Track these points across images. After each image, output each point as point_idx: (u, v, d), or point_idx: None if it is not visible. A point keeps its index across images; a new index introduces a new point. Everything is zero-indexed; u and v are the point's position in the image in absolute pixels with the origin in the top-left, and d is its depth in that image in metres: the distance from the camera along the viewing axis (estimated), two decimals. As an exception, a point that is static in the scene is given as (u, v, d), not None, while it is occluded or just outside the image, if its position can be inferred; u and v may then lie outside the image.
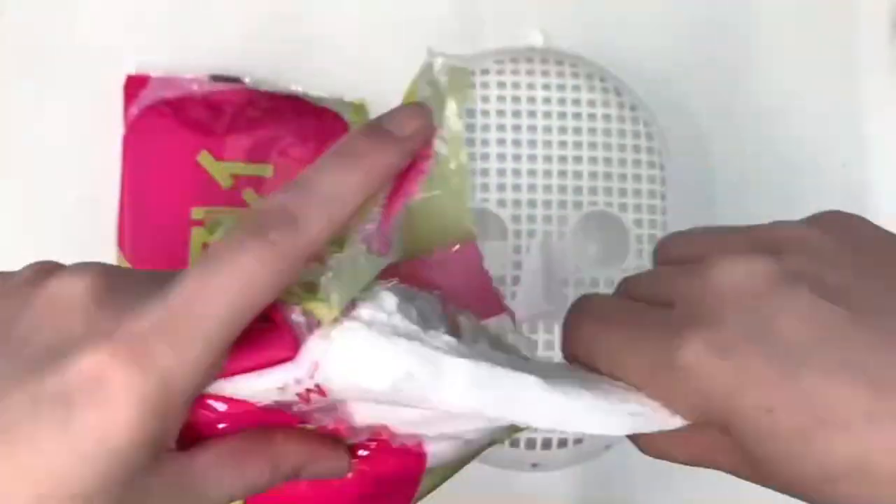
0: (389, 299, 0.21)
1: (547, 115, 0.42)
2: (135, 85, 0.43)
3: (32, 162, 0.44)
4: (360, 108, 0.45)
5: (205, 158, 0.42)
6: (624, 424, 0.21)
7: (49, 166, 0.43)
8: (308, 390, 0.20)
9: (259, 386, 0.20)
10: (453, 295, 0.24)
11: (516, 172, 0.42)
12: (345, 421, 0.22)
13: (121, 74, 0.43)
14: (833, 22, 0.47)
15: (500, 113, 0.42)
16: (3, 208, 0.44)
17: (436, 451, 0.23)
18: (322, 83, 0.43)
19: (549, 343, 0.40)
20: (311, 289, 0.20)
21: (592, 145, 0.42)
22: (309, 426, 0.22)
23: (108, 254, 0.42)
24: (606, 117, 0.42)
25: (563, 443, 0.40)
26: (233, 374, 0.20)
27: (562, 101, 0.42)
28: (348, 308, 0.20)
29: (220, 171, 0.43)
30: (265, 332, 0.20)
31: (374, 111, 0.44)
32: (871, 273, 0.21)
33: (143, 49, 0.43)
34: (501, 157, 0.42)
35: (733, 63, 0.45)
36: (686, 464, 0.22)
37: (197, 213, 0.42)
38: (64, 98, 0.44)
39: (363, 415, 0.22)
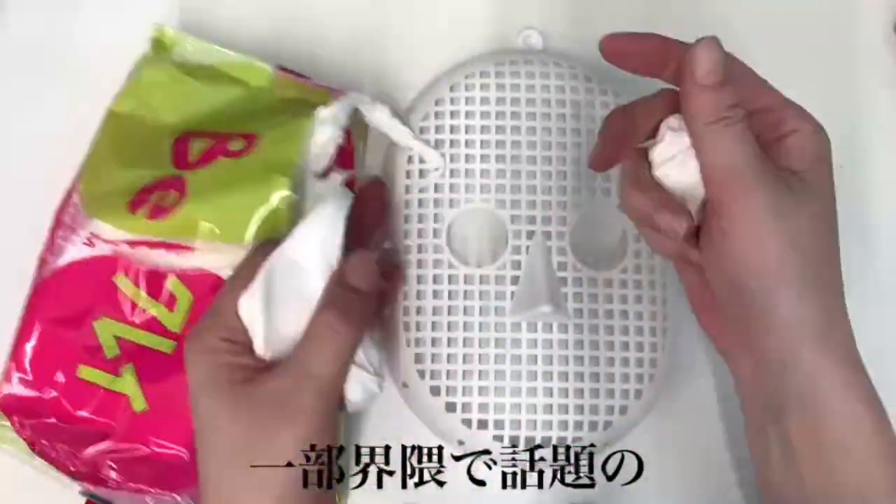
0: None
1: (546, 116, 0.42)
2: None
3: (32, 161, 0.44)
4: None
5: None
6: None
7: (49, 166, 0.43)
8: None
9: None
10: None
11: (516, 173, 0.42)
12: None
13: (121, 74, 0.43)
14: (833, 22, 0.47)
15: (500, 114, 0.42)
16: (2, 208, 0.44)
17: None
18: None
19: (547, 342, 0.40)
20: None
21: (591, 146, 0.42)
22: None
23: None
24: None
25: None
26: None
27: (561, 103, 0.43)
28: None
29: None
30: None
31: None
32: None
33: (144, 49, 0.43)
34: (501, 158, 0.42)
35: (730, 64, 0.45)
36: None
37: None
38: (64, 98, 0.44)
39: None
